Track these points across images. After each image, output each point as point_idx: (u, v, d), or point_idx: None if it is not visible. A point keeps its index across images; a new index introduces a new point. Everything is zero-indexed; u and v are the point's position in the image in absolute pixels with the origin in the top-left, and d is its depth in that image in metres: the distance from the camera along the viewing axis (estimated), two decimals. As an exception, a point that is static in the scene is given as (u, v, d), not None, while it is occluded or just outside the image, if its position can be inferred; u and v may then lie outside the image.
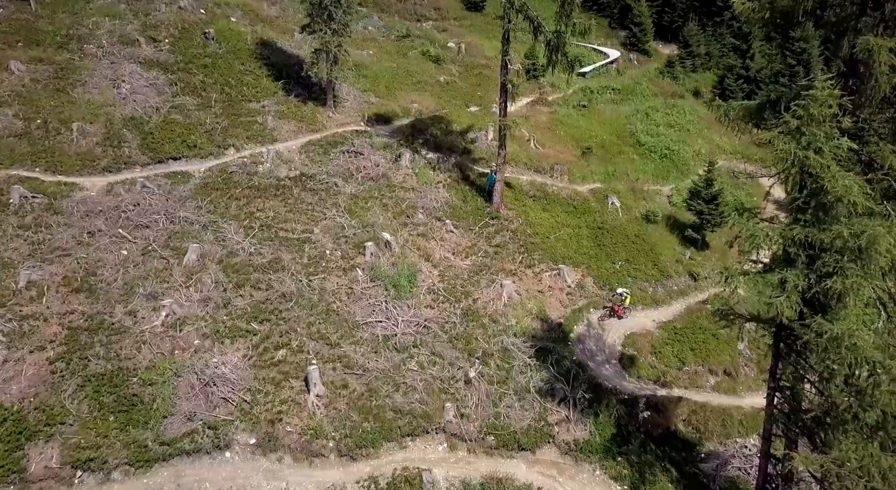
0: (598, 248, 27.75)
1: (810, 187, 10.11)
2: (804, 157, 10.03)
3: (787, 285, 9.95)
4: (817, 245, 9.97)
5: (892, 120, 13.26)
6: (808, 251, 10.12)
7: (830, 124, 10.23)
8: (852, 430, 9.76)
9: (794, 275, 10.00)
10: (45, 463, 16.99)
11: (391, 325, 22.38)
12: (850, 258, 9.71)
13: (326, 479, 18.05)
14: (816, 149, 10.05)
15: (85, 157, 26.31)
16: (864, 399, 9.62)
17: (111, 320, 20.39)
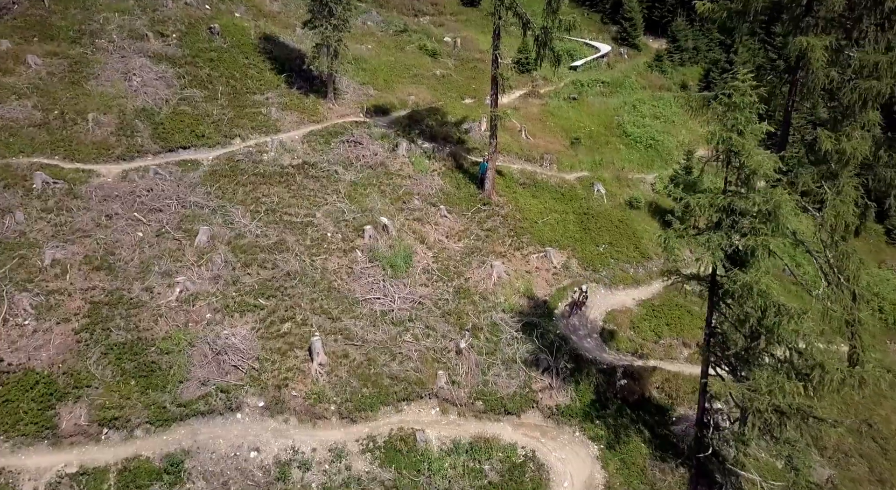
0: (583, 232, 29.47)
1: (733, 163, 11.86)
2: (728, 138, 11.77)
3: (711, 244, 11.74)
4: (738, 211, 11.73)
5: (831, 109, 14.92)
6: (732, 216, 11.88)
7: (750, 110, 11.93)
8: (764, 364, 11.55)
9: (719, 235, 11.77)
10: (75, 421, 18.77)
11: (388, 302, 24.12)
12: (761, 221, 11.49)
13: (329, 438, 19.84)
14: (738, 131, 11.78)
15: (100, 145, 27.96)
16: (773, 337, 11.42)
17: (129, 295, 22.11)
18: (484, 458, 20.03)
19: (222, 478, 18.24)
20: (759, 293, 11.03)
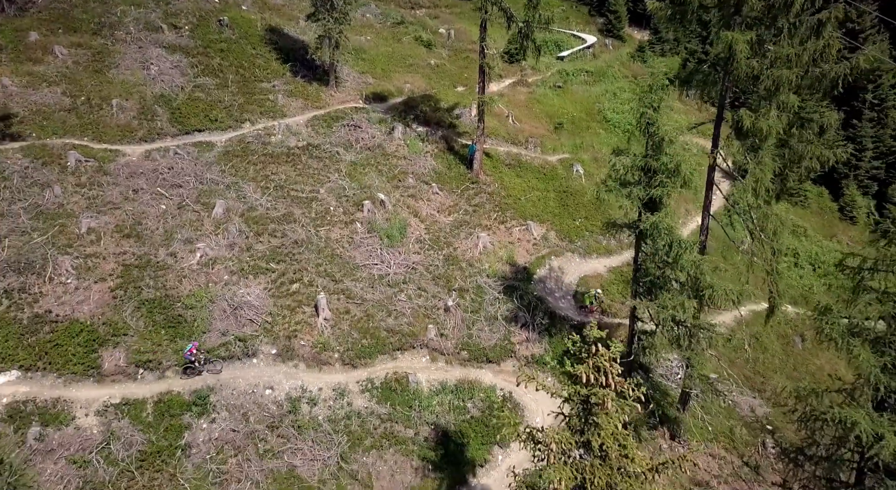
0: (561, 207, 32.45)
1: (650, 132, 14.78)
2: (645, 112, 14.68)
3: (632, 195, 14.68)
4: (652, 169, 14.66)
5: (753, 93, 17.81)
6: (647, 174, 14.80)
7: (663, 92, 14.81)
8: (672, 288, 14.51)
9: (638, 189, 14.73)
10: (115, 362, 21.84)
11: (385, 267, 27.14)
12: (668, 176, 14.42)
13: (332, 380, 22.94)
14: (654, 107, 14.69)
15: (124, 128, 30.83)
16: (676, 265, 14.39)
17: (156, 259, 25.09)
18: (467, 398, 23.12)
19: (242, 410, 21.33)
20: (665, 230, 14.00)
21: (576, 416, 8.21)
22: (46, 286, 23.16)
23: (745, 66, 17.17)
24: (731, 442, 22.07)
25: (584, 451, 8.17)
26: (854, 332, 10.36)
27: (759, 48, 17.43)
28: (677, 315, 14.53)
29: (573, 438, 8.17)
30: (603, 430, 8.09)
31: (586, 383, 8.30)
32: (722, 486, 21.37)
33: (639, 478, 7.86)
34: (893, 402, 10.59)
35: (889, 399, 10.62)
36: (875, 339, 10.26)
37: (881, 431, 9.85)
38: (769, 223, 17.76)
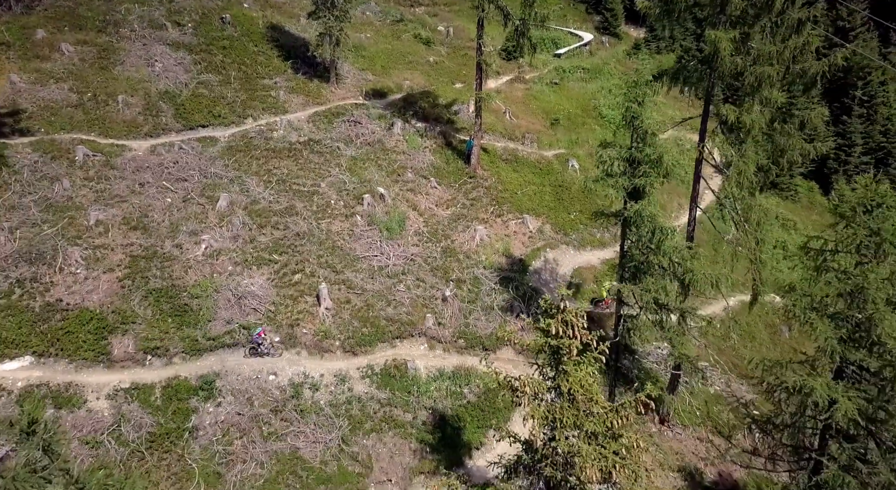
0: (557, 201, 33.23)
1: (634, 125, 15.56)
2: (630, 109, 15.44)
3: (618, 185, 15.48)
4: (636, 160, 15.43)
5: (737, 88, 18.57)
6: (632, 165, 15.58)
7: (647, 87, 15.58)
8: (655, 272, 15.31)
9: (623, 179, 15.51)
10: (124, 349, 22.64)
11: (384, 259, 27.93)
12: (650, 167, 15.19)
13: (334, 367, 23.73)
14: (638, 102, 15.46)
15: (130, 124, 31.58)
16: (658, 251, 15.18)
17: (163, 251, 25.88)
18: (464, 384, 23.94)
19: (247, 394, 22.14)
20: (648, 217, 14.79)
21: (547, 364, 9.05)
22: (57, 276, 23.95)
23: (729, 63, 17.94)
24: (717, 426, 22.91)
25: (554, 394, 9.01)
26: (815, 307, 11.14)
27: (743, 46, 18.19)
28: (660, 298, 15.37)
29: (545, 384, 9.01)
30: (571, 376, 8.92)
31: (555, 335, 9.17)
32: (708, 468, 22.20)
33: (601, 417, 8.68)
34: (850, 371, 11.36)
35: (846, 369, 11.38)
36: (833, 314, 11.02)
37: (835, 396, 10.62)
38: (753, 214, 18.55)
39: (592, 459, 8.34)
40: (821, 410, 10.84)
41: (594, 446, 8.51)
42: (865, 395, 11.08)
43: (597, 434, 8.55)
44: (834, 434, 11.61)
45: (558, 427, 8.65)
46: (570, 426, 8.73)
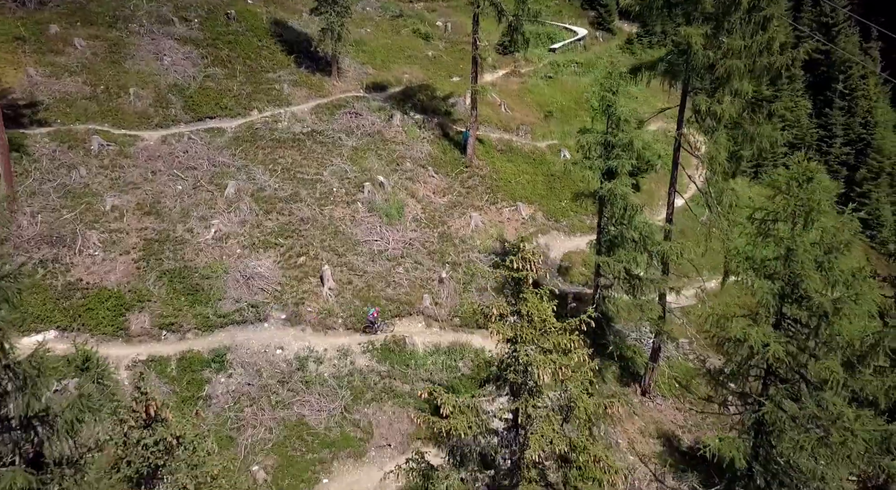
0: (549, 190, 34.78)
1: (609, 112, 17.06)
2: (605, 98, 16.94)
3: (594, 166, 17.00)
4: (611, 144, 16.95)
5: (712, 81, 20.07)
6: (607, 148, 17.08)
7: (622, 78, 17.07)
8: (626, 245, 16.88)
9: (599, 161, 17.02)
10: (141, 325, 24.24)
11: (384, 243, 29.51)
12: (623, 149, 16.71)
13: (337, 342, 25.35)
14: (613, 91, 16.94)
15: (141, 115, 33.08)
16: (631, 226, 16.71)
17: (175, 234, 27.44)
18: (458, 358, 25.56)
19: (256, 367, 23.75)
20: (620, 195, 16.33)
21: (511, 293, 10.69)
22: (77, 257, 25.51)
23: (701, 57, 19.46)
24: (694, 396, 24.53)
25: (517, 317, 10.66)
26: (755, 268, 12.68)
27: (715, 40, 19.70)
28: (630, 268, 16.93)
29: (508, 307, 10.67)
30: (529, 302, 10.56)
31: (516, 269, 10.98)
32: (685, 435, 23.82)
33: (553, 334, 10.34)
34: (785, 323, 12.92)
35: (783, 321, 12.93)
36: (770, 274, 12.54)
37: (767, 341, 12.17)
38: (725, 197, 20.10)
39: (544, 365, 10.01)
40: (756, 352, 12.41)
41: (547, 356, 10.17)
42: (797, 342, 12.66)
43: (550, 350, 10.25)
44: (773, 379, 13.14)
45: (519, 341, 10.29)
46: (528, 341, 10.38)
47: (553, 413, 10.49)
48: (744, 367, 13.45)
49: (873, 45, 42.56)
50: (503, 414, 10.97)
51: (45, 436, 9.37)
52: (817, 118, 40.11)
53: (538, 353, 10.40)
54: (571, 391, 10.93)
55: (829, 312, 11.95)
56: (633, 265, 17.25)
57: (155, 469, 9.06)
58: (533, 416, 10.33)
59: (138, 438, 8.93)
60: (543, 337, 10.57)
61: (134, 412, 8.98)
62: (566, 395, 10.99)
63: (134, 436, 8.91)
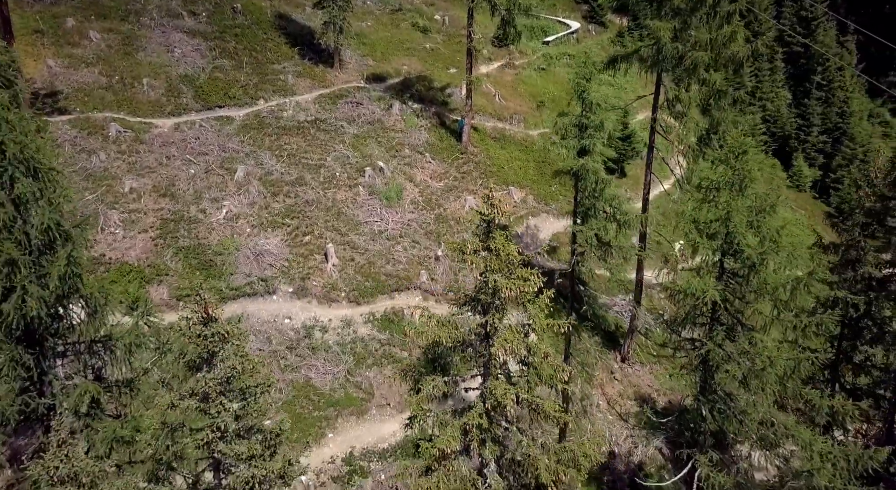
0: (539, 175, 36.79)
1: (583, 97, 19.04)
2: (580, 84, 18.94)
3: (569, 146, 19.02)
4: (584, 125, 18.94)
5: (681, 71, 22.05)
6: (581, 129, 19.07)
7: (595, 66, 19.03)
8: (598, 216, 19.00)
9: (574, 140, 19.01)
10: (160, 296, 26.30)
11: (384, 224, 31.56)
12: (595, 130, 18.72)
13: (340, 314, 27.44)
14: (587, 78, 18.94)
15: (155, 104, 35.04)
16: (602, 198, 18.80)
17: (189, 215, 29.47)
18: (452, 328, 27.61)
19: (266, 334, 25.85)
20: (592, 170, 18.36)
21: (482, 233, 12.77)
22: (99, 235, 27.55)
23: (670, 49, 21.45)
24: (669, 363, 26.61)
25: (487, 252, 12.73)
26: (699, 229, 14.70)
27: (684, 34, 21.69)
28: (601, 235, 19.03)
29: (480, 244, 12.77)
30: (496, 239, 12.63)
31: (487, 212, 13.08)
32: (661, 397, 25.93)
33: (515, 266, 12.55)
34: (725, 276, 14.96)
35: (723, 274, 14.97)
36: (712, 234, 14.56)
37: (706, 289, 14.24)
38: (693, 177, 22.13)
39: (509, 288, 12.16)
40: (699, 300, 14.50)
41: (510, 280, 12.31)
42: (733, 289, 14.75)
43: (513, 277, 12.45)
44: (715, 324, 15.18)
45: (488, 271, 12.41)
46: (495, 270, 12.51)
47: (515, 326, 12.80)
48: (691, 314, 15.54)
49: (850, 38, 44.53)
50: (477, 330, 13.16)
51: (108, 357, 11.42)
52: (796, 108, 42.09)
53: (503, 278, 12.53)
54: (530, 310, 13.12)
55: (757, 263, 14.05)
56: (604, 233, 19.32)
57: (212, 355, 11.16)
58: (498, 327, 12.50)
59: (199, 332, 11.03)
60: (507, 267, 12.69)
61: (195, 312, 11.07)
62: (526, 313, 13.19)
63: (196, 329, 11.02)
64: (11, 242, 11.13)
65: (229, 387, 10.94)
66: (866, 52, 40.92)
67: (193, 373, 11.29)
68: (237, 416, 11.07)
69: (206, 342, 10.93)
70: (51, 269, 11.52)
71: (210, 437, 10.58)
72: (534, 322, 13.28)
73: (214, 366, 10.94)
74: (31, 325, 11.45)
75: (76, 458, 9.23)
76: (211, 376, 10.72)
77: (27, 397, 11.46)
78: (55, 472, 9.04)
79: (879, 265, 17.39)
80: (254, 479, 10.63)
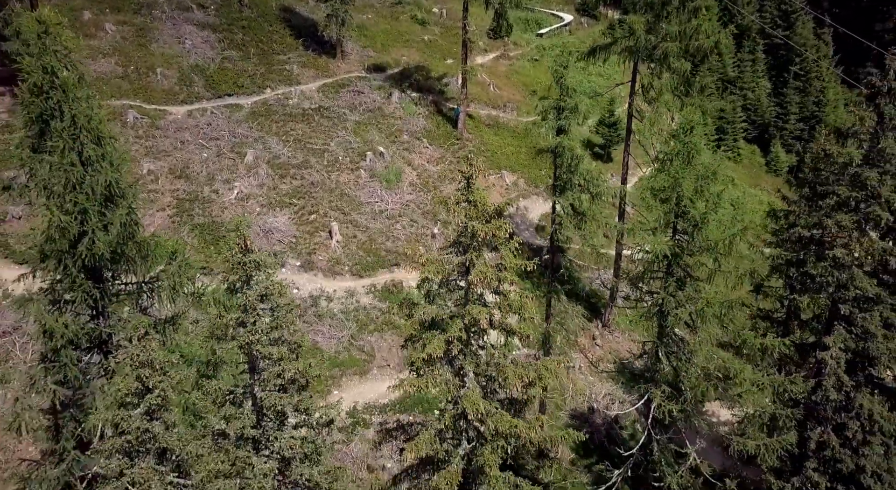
0: (530, 160, 38.97)
1: (560, 83, 21.26)
2: (558, 71, 21.16)
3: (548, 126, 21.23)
4: (561, 108, 21.15)
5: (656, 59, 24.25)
6: (559, 111, 21.29)
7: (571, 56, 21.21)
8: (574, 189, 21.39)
9: (551, 122, 21.24)
10: (178, 268, 28.59)
11: (384, 204, 33.84)
12: (570, 112, 20.97)
13: (344, 285, 29.75)
14: (564, 66, 21.17)
15: (168, 92, 37.24)
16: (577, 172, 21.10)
17: (203, 195, 31.74)
18: (447, 299, 29.93)
19: (276, 303, 28.14)
20: (568, 148, 20.61)
21: (464, 188, 15.05)
22: (121, 212, 29.82)
23: (644, 40, 23.65)
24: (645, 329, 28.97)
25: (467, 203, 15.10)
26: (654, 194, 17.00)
27: (656, 26, 23.89)
28: (576, 205, 21.36)
29: (462, 197, 15.10)
30: (474, 193, 14.95)
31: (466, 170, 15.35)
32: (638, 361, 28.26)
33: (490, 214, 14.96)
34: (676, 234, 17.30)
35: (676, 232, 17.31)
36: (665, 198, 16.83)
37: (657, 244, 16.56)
38: (666, 157, 24.36)
39: (484, 231, 14.55)
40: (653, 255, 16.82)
41: (485, 225, 14.69)
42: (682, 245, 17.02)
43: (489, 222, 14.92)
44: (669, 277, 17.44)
45: (467, 218, 14.75)
46: (474, 218, 14.82)
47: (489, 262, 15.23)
48: (649, 269, 17.82)
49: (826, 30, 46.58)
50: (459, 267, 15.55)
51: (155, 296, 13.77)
52: (776, 97, 44.24)
53: (480, 224, 14.85)
54: (502, 251, 15.48)
55: (700, 222, 16.33)
56: (578, 203, 21.63)
57: (249, 278, 13.48)
58: (476, 262, 14.88)
59: (239, 260, 13.37)
60: (483, 215, 15.01)
61: (237, 244, 13.39)
62: (499, 254, 15.56)
63: (237, 257, 13.37)
64: (82, 195, 13.42)
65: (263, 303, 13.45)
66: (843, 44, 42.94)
67: (234, 293, 13.64)
68: (270, 329, 13.47)
69: (245, 268, 13.31)
70: (113, 218, 13.81)
71: (250, 338, 13.00)
72: (505, 260, 15.61)
73: (251, 287, 13.33)
74: (97, 265, 13.75)
75: (151, 348, 11.67)
76: (250, 292, 13.21)
77: (93, 326, 13.83)
78: (137, 358, 11.58)
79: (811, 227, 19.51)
80: (283, 372, 13.26)
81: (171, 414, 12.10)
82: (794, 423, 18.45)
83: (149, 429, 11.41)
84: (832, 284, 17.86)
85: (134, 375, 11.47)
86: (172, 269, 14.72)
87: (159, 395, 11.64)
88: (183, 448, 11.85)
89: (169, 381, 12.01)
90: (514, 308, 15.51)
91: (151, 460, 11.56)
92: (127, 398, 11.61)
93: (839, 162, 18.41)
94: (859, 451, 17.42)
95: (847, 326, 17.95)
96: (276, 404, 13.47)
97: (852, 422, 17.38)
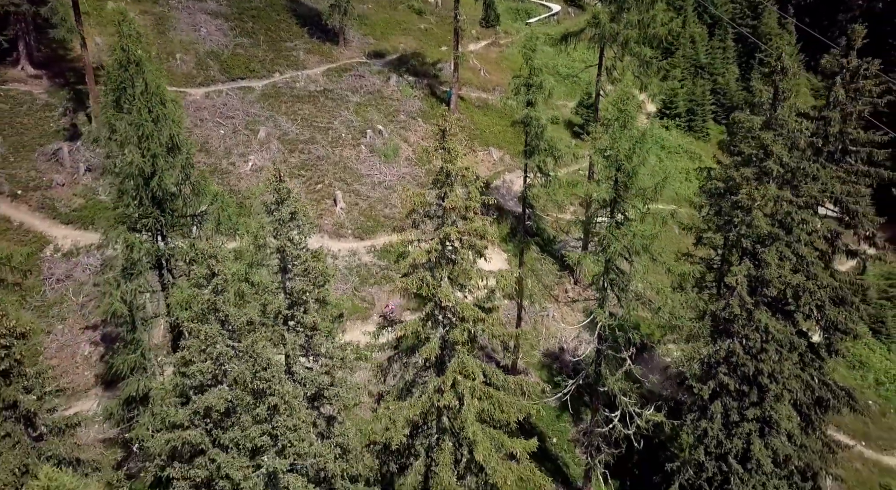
0: (516, 138, 42.74)
1: (529, 63, 25.03)
2: (527, 53, 24.95)
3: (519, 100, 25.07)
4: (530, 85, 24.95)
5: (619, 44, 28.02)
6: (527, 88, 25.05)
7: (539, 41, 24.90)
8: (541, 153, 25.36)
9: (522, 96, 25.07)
10: (202, 229, 32.52)
11: (382, 176, 37.71)
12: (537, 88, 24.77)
13: (347, 246, 33.70)
14: (532, 49, 24.93)
15: (187, 76, 40.99)
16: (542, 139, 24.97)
17: (221, 167, 35.60)
18: (439, 258, 33.89)
19: (288, 260, 32.06)
20: (535, 118, 24.42)
21: (439, 137, 18.99)
22: (150, 181, 33.69)
23: (608, 28, 27.44)
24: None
25: (443, 150, 19.06)
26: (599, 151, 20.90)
27: (619, 16, 27.67)
28: (542, 167, 25.28)
29: (438, 144, 19.07)
30: (448, 142, 18.86)
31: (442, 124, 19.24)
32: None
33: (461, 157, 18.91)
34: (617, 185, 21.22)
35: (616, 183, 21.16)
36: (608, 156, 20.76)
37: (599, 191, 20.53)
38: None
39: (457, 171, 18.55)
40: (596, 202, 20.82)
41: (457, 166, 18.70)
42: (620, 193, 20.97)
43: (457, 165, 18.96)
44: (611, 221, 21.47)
45: (444, 161, 18.72)
46: (448, 161, 18.76)
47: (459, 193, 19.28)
48: (594, 214, 21.79)
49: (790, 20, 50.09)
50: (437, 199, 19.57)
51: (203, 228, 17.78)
52: (743, 82, 47.85)
53: (453, 165, 18.77)
54: (469, 187, 19.43)
55: (632, 173, 20.21)
56: (543, 165, 25.52)
57: (282, 200, 17.46)
58: (450, 196, 18.85)
59: (275, 186, 17.34)
60: (456, 159, 18.94)
61: (275, 176, 17.32)
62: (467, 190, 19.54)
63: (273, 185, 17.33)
64: (154, 143, 17.30)
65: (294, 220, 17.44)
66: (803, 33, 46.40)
67: (271, 212, 17.62)
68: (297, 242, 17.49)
69: (279, 193, 17.27)
70: (175, 162, 17.72)
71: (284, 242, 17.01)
72: (471, 191, 19.53)
73: (285, 206, 17.33)
74: (164, 197, 17.69)
75: (216, 246, 15.63)
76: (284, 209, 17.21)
77: (156, 247, 17.78)
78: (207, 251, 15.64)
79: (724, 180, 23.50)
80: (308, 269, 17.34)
81: (229, 294, 16.17)
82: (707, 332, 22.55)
83: (214, 302, 15.48)
84: (738, 224, 21.93)
85: (204, 264, 15.53)
86: (216, 206, 18.66)
87: (222, 277, 15.75)
88: (237, 319, 15.96)
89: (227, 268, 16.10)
90: (478, 231, 19.44)
91: (217, 325, 15.72)
92: (200, 280, 15.70)
93: (746, 126, 22.55)
94: (758, 357, 21.40)
95: (751, 258, 21.99)
96: (303, 290, 17.39)
97: (753, 333, 21.35)
